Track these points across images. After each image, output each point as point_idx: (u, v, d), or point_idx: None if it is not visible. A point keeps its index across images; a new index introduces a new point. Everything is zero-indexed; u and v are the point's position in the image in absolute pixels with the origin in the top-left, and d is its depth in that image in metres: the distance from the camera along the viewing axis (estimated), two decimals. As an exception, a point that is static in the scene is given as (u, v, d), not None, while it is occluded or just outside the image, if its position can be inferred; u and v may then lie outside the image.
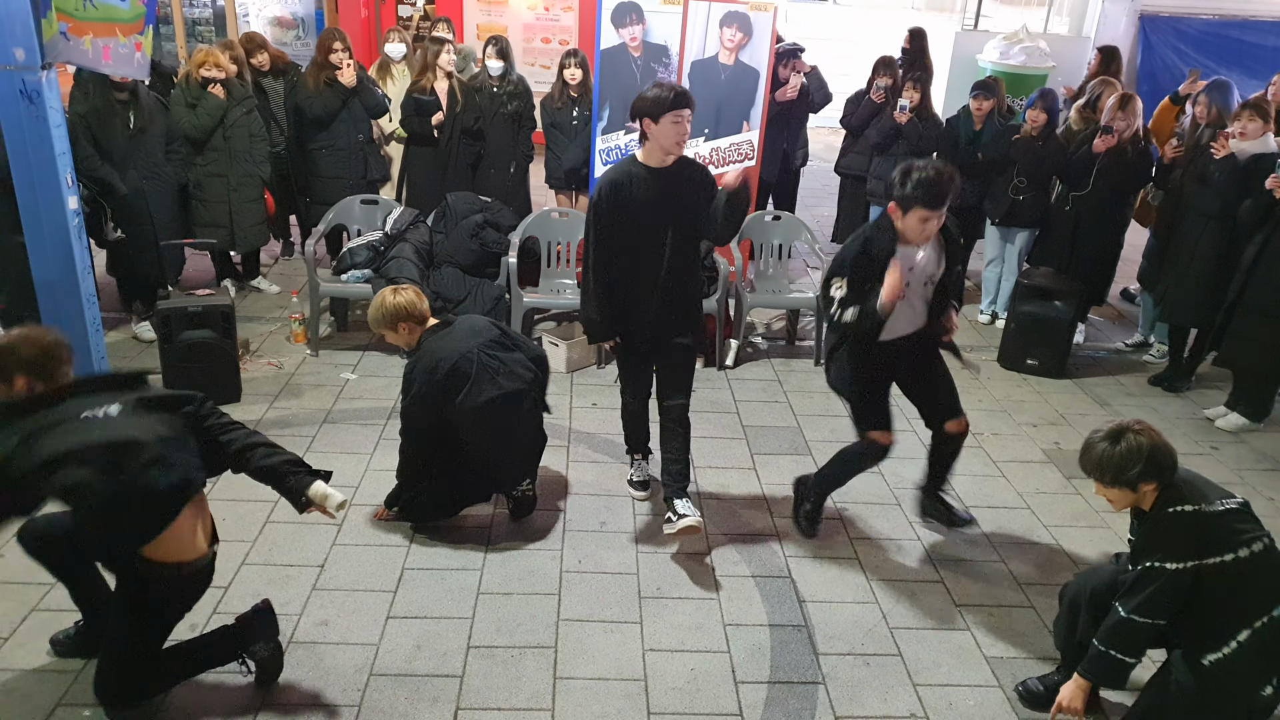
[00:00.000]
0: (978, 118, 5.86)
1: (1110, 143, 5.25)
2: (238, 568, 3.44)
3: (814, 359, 5.50)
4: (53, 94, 3.83)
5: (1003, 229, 5.95)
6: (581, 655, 3.12)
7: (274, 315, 5.71)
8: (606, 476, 4.18)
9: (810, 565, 3.65)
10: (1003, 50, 8.80)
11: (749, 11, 5.47)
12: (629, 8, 5.50)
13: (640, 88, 5.62)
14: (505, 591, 3.40)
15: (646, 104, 3.38)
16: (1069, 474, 4.41)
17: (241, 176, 5.47)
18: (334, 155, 5.72)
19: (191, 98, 5.26)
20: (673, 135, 3.38)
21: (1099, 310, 6.37)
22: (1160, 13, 9.59)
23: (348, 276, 5.24)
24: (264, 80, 5.95)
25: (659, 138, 3.39)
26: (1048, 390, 5.31)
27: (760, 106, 5.63)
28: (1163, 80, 9.06)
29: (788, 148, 6.48)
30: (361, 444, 4.34)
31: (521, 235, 5.41)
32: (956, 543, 3.85)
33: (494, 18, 9.40)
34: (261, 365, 5.06)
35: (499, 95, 5.94)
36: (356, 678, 2.96)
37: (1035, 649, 3.26)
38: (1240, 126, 4.80)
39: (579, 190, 6.15)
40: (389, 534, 3.70)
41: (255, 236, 5.73)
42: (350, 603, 3.30)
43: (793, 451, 4.49)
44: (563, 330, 5.49)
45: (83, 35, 4.01)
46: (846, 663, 3.15)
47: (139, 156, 4.95)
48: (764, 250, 5.76)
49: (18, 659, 2.96)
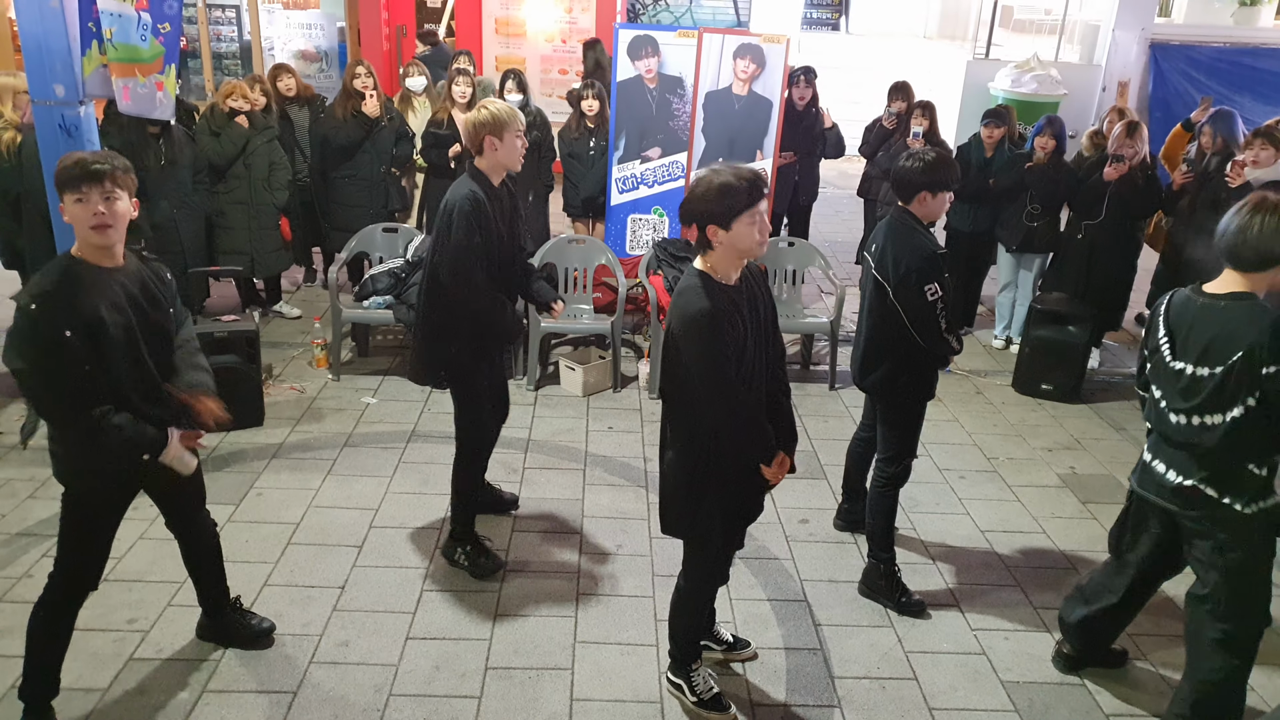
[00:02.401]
0: (989, 145, 5.92)
1: (1122, 170, 5.29)
2: (260, 589, 3.49)
3: (828, 383, 5.53)
4: (90, 128, 3.97)
5: (1016, 254, 5.99)
6: (598, 677, 3.15)
7: (297, 341, 5.81)
8: (622, 499, 4.22)
9: (825, 589, 3.67)
10: (1014, 78, 8.88)
11: (762, 43, 5.59)
12: (645, 40, 5.64)
13: (655, 118, 5.79)
14: (522, 614, 3.44)
15: (712, 205, 2.48)
16: (1084, 498, 4.41)
17: (261, 204, 5.63)
18: (356, 184, 5.86)
19: (216, 126, 5.42)
20: (750, 240, 2.53)
21: (1114, 335, 6.38)
22: (1171, 40, 9.65)
23: (369, 303, 5.34)
24: (289, 108, 6.11)
25: (735, 244, 2.52)
26: (1063, 415, 5.32)
27: (773, 136, 5.73)
28: (1175, 108, 9.10)
29: (799, 180, 6.55)
30: (382, 467, 4.40)
31: (539, 262, 5.50)
32: (971, 566, 3.86)
33: (512, 50, 9.60)
34: (284, 390, 5.15)
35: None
36: (376, 698, 3.00)
37: (1051, 673, 3.26)
38: (1253, 155, 4.84)
39: (596, 218, 6.25)
40: (408, 556, 3.75)
41: (275, 262, 5.87)
42: (370, 624, 3.35)
43: (808, 475, 4.52)
44: (579, 355, 5.56)
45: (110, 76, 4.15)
46: (862, 686, 3.16)
47: (170, 187, 5.12)
48: (778, 275, 5.83)
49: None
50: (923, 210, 3.31)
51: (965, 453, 4.81)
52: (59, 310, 2.42)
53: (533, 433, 4.81)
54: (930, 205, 3.30)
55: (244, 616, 3.25)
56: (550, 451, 4.64)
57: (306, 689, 3.02)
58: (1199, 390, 2.61)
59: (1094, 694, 3.17)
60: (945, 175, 3.28)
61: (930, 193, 3.28)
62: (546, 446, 4.69)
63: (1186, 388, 2.65)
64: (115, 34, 4.08)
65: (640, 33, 5.68)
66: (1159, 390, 2.75)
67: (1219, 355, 2.54)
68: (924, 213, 3.32)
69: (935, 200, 3.30)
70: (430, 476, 4.32)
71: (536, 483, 4.33)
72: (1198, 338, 2.61)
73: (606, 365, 5.37)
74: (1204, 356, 2.59)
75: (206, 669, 3.08)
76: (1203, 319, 2.61)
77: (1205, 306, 2.63)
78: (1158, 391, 2.76)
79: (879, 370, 3.45)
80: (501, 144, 3.31)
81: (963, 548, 3.99)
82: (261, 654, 3.17)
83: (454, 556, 3.65)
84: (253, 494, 4.12)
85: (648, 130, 5.79)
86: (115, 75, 4.16)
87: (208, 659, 3.13)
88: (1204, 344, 2.59)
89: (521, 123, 3.36)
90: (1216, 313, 2.59)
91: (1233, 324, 2.54)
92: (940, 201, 3.31)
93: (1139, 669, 3.30)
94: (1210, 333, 2.58)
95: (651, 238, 6.00)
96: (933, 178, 3.26)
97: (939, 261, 3.25)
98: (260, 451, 4.49)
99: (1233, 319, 2.54)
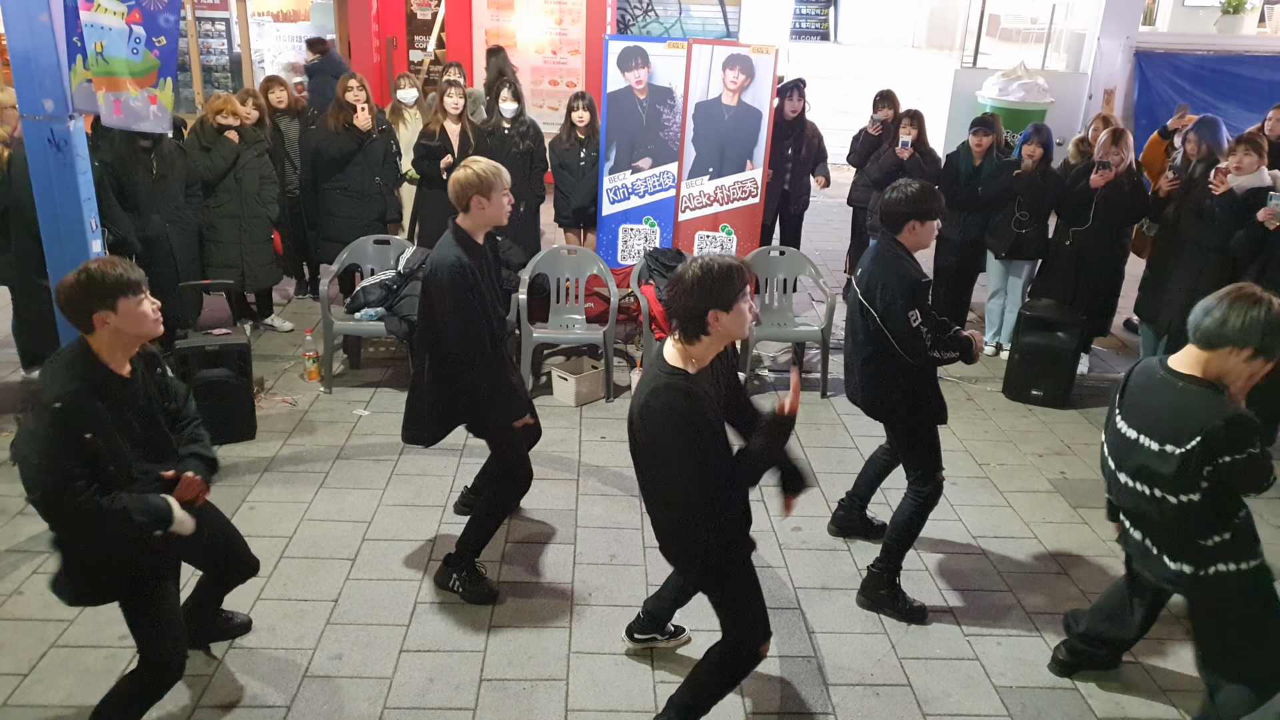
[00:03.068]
0: (977, 154, 5.97)
1: (1108, 177, 5.34)
2: (253, 602, 3.48)
3: (820, 391, 5.56)
4: (80, 142, 3.97)
5: (1005, 261, 6.03)
6: (593, 687, 3.15)
7: (288, 354, 5.81)
8: (616, 509, 4.23)
9: (819, 596, 3.67)
10: (1001, 87, 8.96)
11: (751, 54, 5.63)
12: (634, 52, 5.67)
13: (646, 129, 5.82)
14: (516, 625, 3.44)
15: (716, 291, 2.40)
16: (1075, 503, 4.44)
17: (252, 218, 5.63)
18: (347, 196, 5.86)
19: (206, 141, 5.42)
20: (744, 322, 2.49)
21: (1102, 341, 6.42)
22: (1155, 49, 9.75)
23: (361, 315, 5.34)
24: (280, 120, 6.12)
25: (731, 328, 2.46)
26: (1053, 420, 5.35)
27: (763, 145, 5.76)
28: (1160, 115, 9.17)
29: (789, 189, 6.58)
30: (374, 479, 4.40)
31: (531, 272, 5.52)
32: (964, 572, 3.87)
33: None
34: (276, 402, 5.15)
35: (510, 135, 6.09)
36: (370, 710, 3.00)
37: (1044, 677, 3.27)
38: (1236, 161, 4.89)
39: (587, 228, 6.27)
40: (402, 568, 3.75)
41: (266, 276, 5.87)
42: (364, 636, 3.34)
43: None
44: (571, 365, 5.57)
45: (96, 90, 4.14)
46: (856, 693, 3.17)
47: (161, 201, 5.11)
48: (769, 284, 5.85)
49: (37, 694, 3.01)
50: (912, 239, 3.36)
51: (956, 459, 4.83)
52: (84, 413, 2.41)
53: (525, 443, 4.81)
54: (919, 234, 3.35)
55: (223, 619, 3.29)
56: (543, 462, 4.64)
57: (300, 703, 3.02)
58: (1135, 458, 2.65)
59: (1087, 698, 3.19)
60: (930, 204, 3.32)
61: (919, 221, 3.33)
62: (539, 457, 4.66)
63: (1125, 453, 2.70)
64: (107, 47, 4.08)
65: (630, 44, 5.71)
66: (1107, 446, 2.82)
67: (1170, 433, 2.56)
68: (913, 242, 3.37)
69: (924, 229, 3.34)
70: (423, 489, 4.32)
71: (530, 493, 4.31)
72: (1149, 407, 2.65)
73: (599, 375, 5.38)
74: (1152, 430, 2.61)
75: (199, 684, 3.07)
76: (1161, 391, 2.63)
77: (1164, 381, 2.63)
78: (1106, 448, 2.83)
79: (870, 393, 3.53)
80: (489, 203, 3.30)
81: (955, 553, 4.01)
82: (254, 668, 3.16)
83: (448, 583, 3.58)
84: (245, 507, 4.11)
85: (638, 141, 5.82)
86: (106, 89, 4.15)
87: (201, 674, 3.11)
88: (1154, 417, 2.62)
89: (507, 180, 3.33)
90: (1174, 391, 2.59)
91: (1189, 406, 2.54)
92: (929, 230, 3.36)
93: (1132, 672, 3.31)
94: (1162, 407, 2.61)
95: (643, 247, 6.02)
96: (919, 208, 3.31)
97: (923, 290, 3.33)
98: (252, 465, 4.48)
99: (1190, 401, 2.55)
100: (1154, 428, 2.61)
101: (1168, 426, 2.57)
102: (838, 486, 4.20)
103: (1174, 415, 2.56)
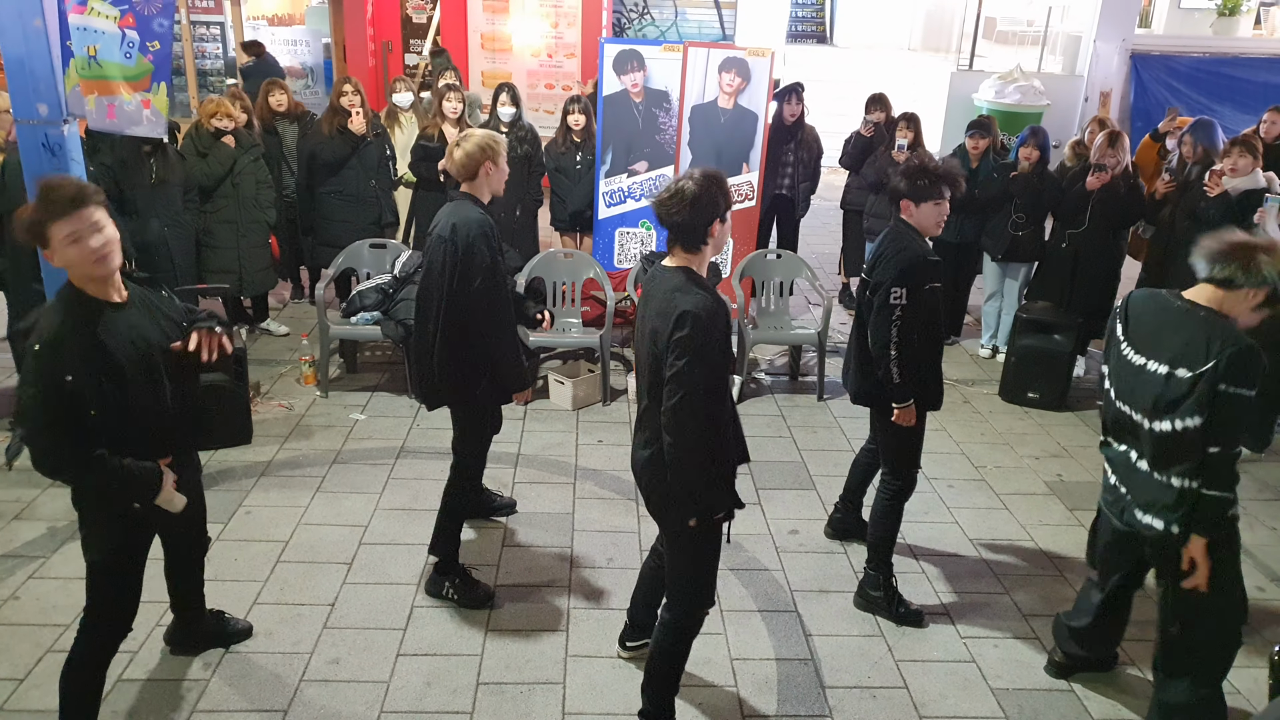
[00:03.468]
0: (974, 156, 5.98)
1: (1104, 179, 5.35)
2: (250, 607, 3.48)
3: (817, 394, 5.56)
4: (74, 146, 3.96)
5: (1002, 264, 6.04)
6: (590, 691, 3.14)
7: (284, 358, 5.80)
8: (613, 513, 4.23)
9: (816, 599, 3.67)
10: (998, 89, 8.97)
11: (747, 57, 5.64)
12: (630, 55, 5.67)
13: (642, 132, 5.82)
14: (514, 628, 3.44)
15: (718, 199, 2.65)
16: (1072, 505, 4.44)
17: (249, 223, 5.62)
18: (343, 200, 5.87)
19: (202, 146, 5.41)
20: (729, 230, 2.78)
21: (1099, 343, 6.41)
22: (1151, 51, 9.77)
23: (357, 319, 5.34)
24: (279, 124, 6.12)
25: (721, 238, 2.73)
26: (1049, 423, 5.35)
27: (759, 149, 5.77)
28: (1156, 117, 9.16)
29: (789, 194, 6.58)
30: (371, 483, 4.40)
31: (528, 276, 5.51)
32: (961, 575, 3.87)
33: (499, 65, 9.63)
34: (273, 407, 5.14)
35: (509, 140, 6.09)
36: (367, 714, 2.99)
37: (1040, 679, 3.27)
38: (1231, 163, 4.91)
39: (583, 232, 6.28)
40: (399, 572, 3.74)
41: (263, 281, 5.86)
42: (361, 641, 3.34)
43: (797, 486, 4.53)
44: (568, 369, 5.57)
45: (87, 95, 4.13)
46: (853, 695, 3.17)
47: (161, 206, 5.11)
48: (766, 287, 5.86)
49: (33, 700, 3.00)
50: (912, 219, 3.35)
51: (953, 461, 4.83)
52: (64, 354, 2.37)
53: (522, 447, 4.81)
54: (915, 215, 3.33)
55: (221, 622, 3.29)
56: (540, 466, 4.64)
57: (298, 707, 3.01)
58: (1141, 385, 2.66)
59: (1082, 699, 3.19)
60: (921, 184, 3.29)
61: (912, 202, 3.31)
62: (536, 461, 4.69)
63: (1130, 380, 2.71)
64: (100, 51, 4.07)
65: (626, 47, 5.72)
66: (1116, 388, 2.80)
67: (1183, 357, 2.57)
68: (914, 222, 3.35)
69: (918, 211, 3.32)
70: (420, 492, 4.32)
71: (527, 497, 4.33)
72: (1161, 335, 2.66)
73: (595, 379, 5.38)
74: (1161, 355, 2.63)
75: (196, 689, 3.07)
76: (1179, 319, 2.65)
77: (1183, 310, 2.66)
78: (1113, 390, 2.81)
79: (868, 380, 3.48)
80: (496, 169, 3.37)
81: (952, 556, 4.01)
82: (251, 673, 3.16)
83: (442, 592, 3.56)
84: (241, 512, 4.11)
85: (634, 144, 5.82)
86: (99, 93, 4.15)
87: (197, 679, 3.11)
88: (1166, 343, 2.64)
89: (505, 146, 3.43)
90: (1195, 319, 2.61)
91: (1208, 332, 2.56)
92: (924, 212, 3.32)
93: (1127, 674, 3.32)
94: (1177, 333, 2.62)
95: (639, 251, 6.02)
96: (909, 187, 3.30)
97: (925, 266, 3.29)
98: (249, 469, 4.48)
99: (1210, 329, 2.57)
100: (1165, 353, 2.62)
101: (1180, 351, 2.58)
102: (834, 489, 4.20)
103: (1191, 341, 2.57)
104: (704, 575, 2.81)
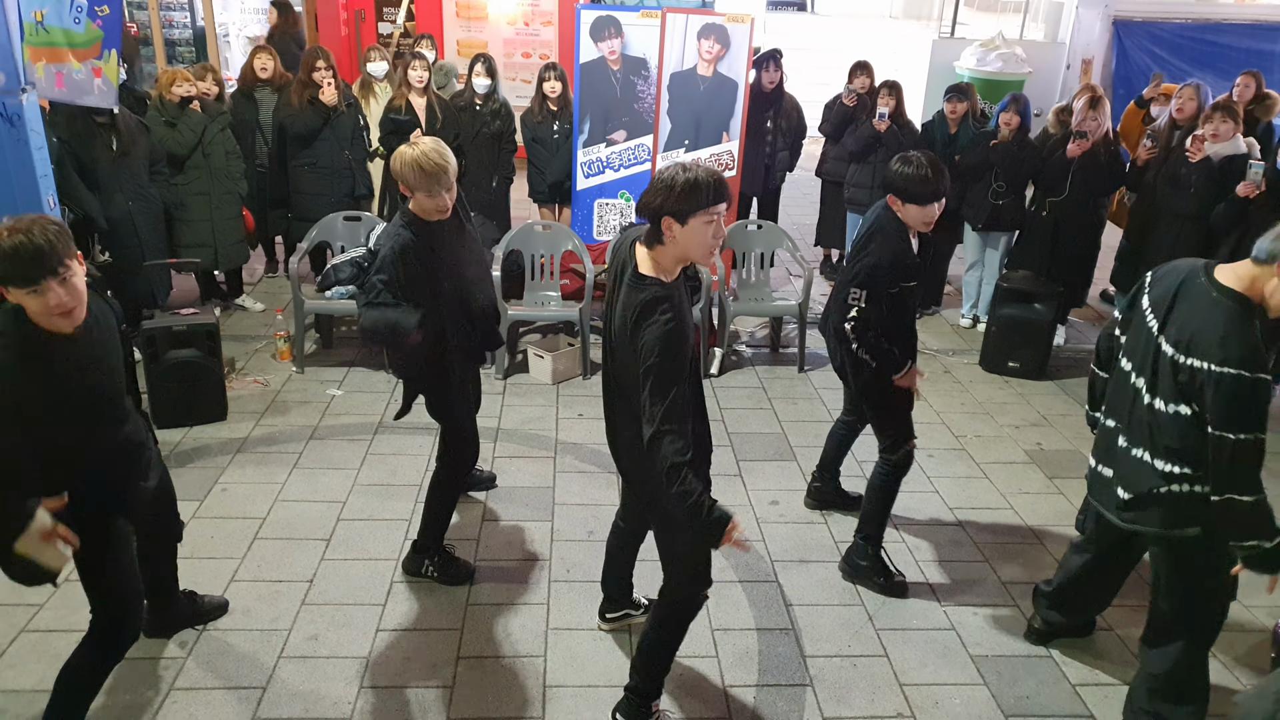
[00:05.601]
0: (952, 121, 5.93)
1: (1085, 146, 5.33)
2: (227, 584, 3.44)
3: (797, 366, 5.54)
4: (34, 116, 3.85)
5: (982, 233, 6.02)
6: (571, 664, 3.14)
7: (259, 333, 5.72)
8: (593, 486, 4.21)
9: (796, 569, 3.68)
10: (979, 57, 8.91)
11: (726, 23, 5.54)
12: (607, 21, 5.57)
13: (620, 100, 5.73)
14: (494, 602, 3.42)
15: (672, 197, 2.33)
16: (1051, 474, 4.47)
17: (222, 194, 5.51)
18: (316, 172, 5.75)
19: (169, 116, 5.28)
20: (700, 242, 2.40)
21: (1079, 312, 6.44)
22: (1134, 17, 9.72)
23: (332, 293, 5.26)
24: (258, 91, 5.97)
25: (685, 242, 2.38)
26: (1029, 392, 5.37)
27: (739, 117, 5.70)
28: (1138, 84, 9.16)
29: (769, 163, 6.54)
30: (348, 459, 4.35)
31: (505, 249, 5.45)
32: (941, 544, 3.89)
33: (474, 33, 9.47)
34: (248, 383, 5.07)
35: (481, 113, 5.99)
36: (347, 691, 2.98)
37: (1019, 646, 3.30)
38: (1213, 128, 4.89)
39: (562, 203, 6.20)
40: (377, 548, 3.71)
41: (237, 254, 5.76)
42: (340, 617, 3.31)
43: (778, 458, 4.53)
44: (547, 342, 5.52)
45: (35, 62, 3.98)
46: (834, 664, 3.18)
47: (124, 179, 4.96)
48: (746, 259, 5.82)
49: (8, 680, 2.96)
50: (901, 214, 3.22)
51: (933, 431, 4.84)
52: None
53: (502, 421, 4.77)
54: (905, 212, 3.20)
55: (195, 602, 3.25)
56: (520, 440, 4.61)
57: (276, 684, 2.99)
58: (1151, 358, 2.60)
59: (1061, 665, 3.22)
60: (908, 184, 3.15)
61: (899, 199, 3.19)
62: (516, 435, 4.66)
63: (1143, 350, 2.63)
64: (47, 16, 3.93)
65: (603, 13, 5.61)
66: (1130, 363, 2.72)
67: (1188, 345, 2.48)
68: (903, 217, 3.23)
69: (904, 209, 3.20)
70: (398, 468, 4.28)
71: (507, 471, 4.30)
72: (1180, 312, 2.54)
73: (575, 352, 5.34)
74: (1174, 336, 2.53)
75: (173, 667, 3.04)
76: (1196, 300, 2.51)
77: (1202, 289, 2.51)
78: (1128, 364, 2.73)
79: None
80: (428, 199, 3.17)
81: (932, 525, 4.03)
82: (229, 650, 3.13)
83: (421, 570, 3.51)
84: (217, 489, 4.06)
85: (612, 113, 5.73)
86: (47, 60, 4.00)
87: (174, 657, 3.08)
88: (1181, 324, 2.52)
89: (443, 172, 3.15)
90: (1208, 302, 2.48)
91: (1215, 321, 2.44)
92: (910, 213, 3.19)
93: (1105, 639, 3.35)
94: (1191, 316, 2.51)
95: (619, 222, 5.96)
96: (898, 184, 3.17)
97: (898, 270, 3.20)
98: (224, 446, 4.42)
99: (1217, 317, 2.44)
100: (1178, 335, 2.52)
101: (1187, 338, 2.48)
102: (815, 460, 4.19)
103: (1200, 328, 2.47)
104: (699, 556, 2.72)
